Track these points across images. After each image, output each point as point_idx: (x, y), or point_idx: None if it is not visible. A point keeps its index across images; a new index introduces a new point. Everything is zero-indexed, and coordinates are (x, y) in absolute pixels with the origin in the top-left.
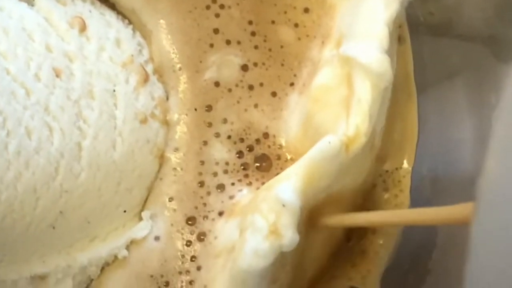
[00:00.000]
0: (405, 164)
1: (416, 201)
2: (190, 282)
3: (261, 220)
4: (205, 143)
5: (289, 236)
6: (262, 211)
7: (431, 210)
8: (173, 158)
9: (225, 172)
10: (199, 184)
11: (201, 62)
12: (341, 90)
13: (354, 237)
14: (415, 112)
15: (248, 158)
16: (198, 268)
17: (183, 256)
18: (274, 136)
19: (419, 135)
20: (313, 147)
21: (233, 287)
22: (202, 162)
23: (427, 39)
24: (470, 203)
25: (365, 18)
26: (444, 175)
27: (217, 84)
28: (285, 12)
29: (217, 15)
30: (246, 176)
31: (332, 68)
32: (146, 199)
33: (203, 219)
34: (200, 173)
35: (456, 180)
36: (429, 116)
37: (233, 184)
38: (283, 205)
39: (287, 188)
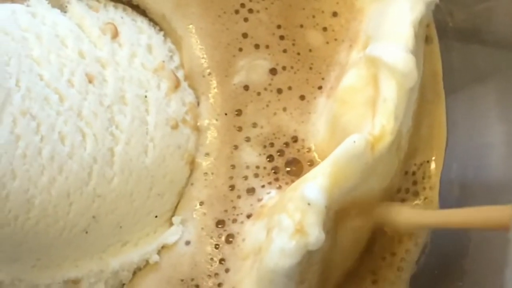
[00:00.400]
0: (434, 159)
1: (445, 205)
2: (219, 285)
3: (287, 219)
4: (236, 147)
5: (315, 235)
6: (288, 210)
7: (468, 211)
8: (204, 163)
9: (256, 175)
10: (230, 188)
11: (230, 66)
12: (367, 90)
13: (380, 241)
14: (443, 110)
15: (279, 162)
16: (227, 271)
17: (212, 259)
18: (303, 140)
19: (448, 139)
20: (339, 147)
21: (261, 287)
22: (233, 166)
23: (456, 44)
24: (508, 206)
25: (391, 19)
26: (473, 180)
27: (246, 88)
28: (314, 16)
29: (246, 20)
30: (277, 179)
31: (358, 69)
32: (177, 204)
33: (232, 222)
34: (231, 177)
35: (485, 185)
36: (458, 120)
37: (263, 186)
38: (309, 204)
39: (313, 187)
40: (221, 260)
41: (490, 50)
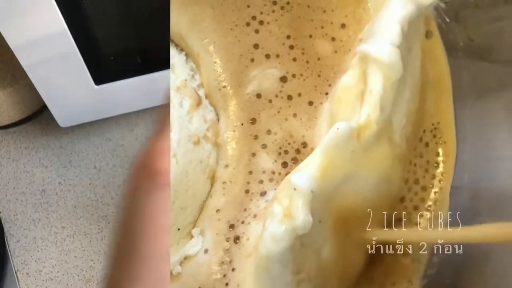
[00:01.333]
0: (443, 159)
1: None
2: (226, 284)
3: (277, 206)
4: (253, 155)
5: (301, 218)
6: (279, 198)
7: (479, 228)
8: (224, 175)
9: (271, 180)
10: (245, 192)
11: (243, 77)
12: (358, 87)
13: (388, 249)
14: (449, 87)
15: (293, 168)
16: (233, 270)
17: (222, 262)
18: (311, 145)
19: (458, 153)
20: (326, 136)
21: (258, 276)
22: (250, 172)
23: (466, 63)
24: None
25: (381, 20)
26: (482, 192)
27: (258, 96)
28: (322, 27)
29: (257, 31)
30: None
31: (353, 69)
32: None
33: (241, 223)
34: (248, 182)
35: (495, 194)
36: (467, 134)
37: (275, 190)
38: (294, 189)
39: (301, 175)
40: (230, 261)
41: (500, 69)
